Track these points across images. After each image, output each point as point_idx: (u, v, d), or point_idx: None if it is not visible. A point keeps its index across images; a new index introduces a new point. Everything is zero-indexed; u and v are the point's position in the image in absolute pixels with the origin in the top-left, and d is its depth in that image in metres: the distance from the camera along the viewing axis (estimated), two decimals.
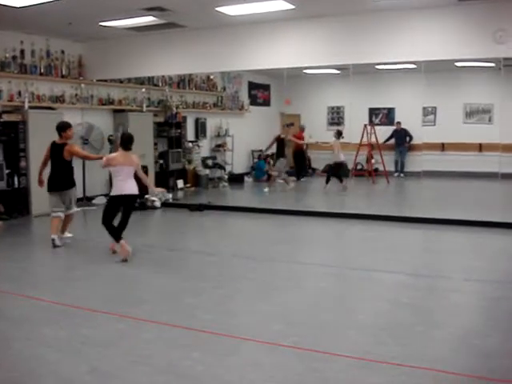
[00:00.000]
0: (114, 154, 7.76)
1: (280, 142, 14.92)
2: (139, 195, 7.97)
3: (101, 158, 7.93)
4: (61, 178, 8.13)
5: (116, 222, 7.53)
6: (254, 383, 3.80)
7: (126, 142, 7.54)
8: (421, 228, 9.51)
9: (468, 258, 7.53)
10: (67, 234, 8.50)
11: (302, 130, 17.69)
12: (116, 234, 7.40)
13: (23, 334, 4.73)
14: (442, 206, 11.64)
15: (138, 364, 4.08)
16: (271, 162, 16.59)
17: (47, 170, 8.30)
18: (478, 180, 16.21)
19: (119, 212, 7.60)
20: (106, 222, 7.45)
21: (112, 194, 7.58)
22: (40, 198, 9.86)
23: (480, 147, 17.38)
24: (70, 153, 8.12)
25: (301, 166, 17.46)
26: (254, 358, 4.21)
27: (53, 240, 8.02)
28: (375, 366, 4.01)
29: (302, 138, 17.15)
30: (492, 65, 14.66)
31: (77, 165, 9.28)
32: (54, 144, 8.17)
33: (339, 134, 14.58)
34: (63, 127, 8.15)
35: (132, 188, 7.55)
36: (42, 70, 11.24)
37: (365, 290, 6.10)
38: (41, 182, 8.38)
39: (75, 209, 8.55)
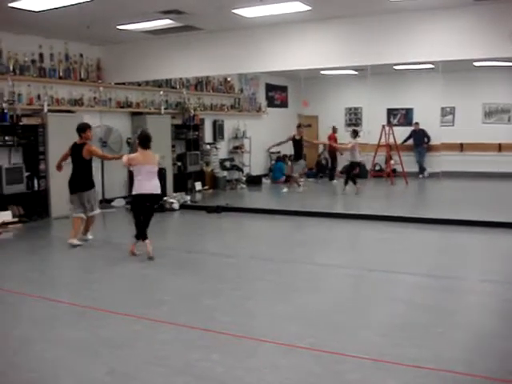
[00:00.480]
0: (134, 154, 7.83)
1: (296, 143, 14.56)
2: (161, 195, 8.02)
3: (117, 158, 8.15)
4: (81, 179, 8.29)
5: None
6: None
7: (144, 141, 7.65)
8: (438, 229, 9.43)
9: (486, 259, 7.48)
10: (89, 236, 8.59)
11: (335, 131, 17.78)
12: (141, 230, 7.55)
13: (42, 335, 4.77)
14: (460, 207, 11.51)
15: (157, 365, 4.09)
16: (289, 163, 16.46)
17: (67, 172, 8.42)
18: (497, 180, 16.07)
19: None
20: (136, 218, 7.64)
21: (133, 192, 7.68)
22: (59, 200, 10.01)
23: (499, 147, 17.24)
24: (89, 152, 8.29)
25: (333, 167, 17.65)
26: (271, 359, 4.21)
27: (70, 244, 8.16)
28: (392, 367, 3.99)
29: (335, 140, 17.22)
30: (511, 64, 14.51)
31: (96, 166, 9.36)
32: (74, 145, 8.35)
33: (356, 134, 14.25)
34: (83, 128, 8.35)
35: (153, 187, 7.61)
36: (61, 74, 11.33)
37: (383, 291, 6.06)
38: (59, 167, 8.59)
39: (98, 210, 8.67)
